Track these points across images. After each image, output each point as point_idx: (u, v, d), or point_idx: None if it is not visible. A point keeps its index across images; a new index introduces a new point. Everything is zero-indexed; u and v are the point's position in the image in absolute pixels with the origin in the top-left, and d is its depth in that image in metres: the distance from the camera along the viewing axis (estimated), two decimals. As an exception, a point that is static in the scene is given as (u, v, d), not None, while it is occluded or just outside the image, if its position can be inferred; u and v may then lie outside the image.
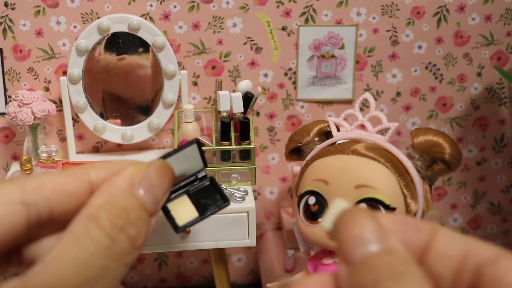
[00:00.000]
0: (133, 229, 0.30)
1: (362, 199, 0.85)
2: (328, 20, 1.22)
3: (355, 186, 0.85)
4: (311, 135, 0.96)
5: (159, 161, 0.33)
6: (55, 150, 1.12)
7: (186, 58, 1.23)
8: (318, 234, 0.88)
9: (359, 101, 0.95)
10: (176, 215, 0.34)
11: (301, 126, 1.00)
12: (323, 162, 0.89)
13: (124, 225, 0.30)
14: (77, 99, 1.19)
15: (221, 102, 1.11)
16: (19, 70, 1.21)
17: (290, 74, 1.26)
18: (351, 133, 0.92)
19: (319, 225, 0.88)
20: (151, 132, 1.24)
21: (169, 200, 0.35)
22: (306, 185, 0.90)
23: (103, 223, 0.29)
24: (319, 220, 0.88)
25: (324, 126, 0.96)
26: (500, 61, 1.29)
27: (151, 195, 0.31)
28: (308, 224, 0.89)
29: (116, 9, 1.18)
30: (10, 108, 1.16)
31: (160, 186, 0.32)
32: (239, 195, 1.09)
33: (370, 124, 0.93)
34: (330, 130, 0.96)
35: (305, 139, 0.96)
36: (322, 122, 0.97)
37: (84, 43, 1.16)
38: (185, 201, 0.35)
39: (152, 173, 0.32)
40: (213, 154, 1.13)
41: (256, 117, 1.29)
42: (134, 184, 0.31)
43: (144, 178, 0.32)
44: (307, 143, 0.96)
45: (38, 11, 1.17)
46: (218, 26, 1.21)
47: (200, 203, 0.35)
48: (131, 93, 1.22)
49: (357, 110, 0.95)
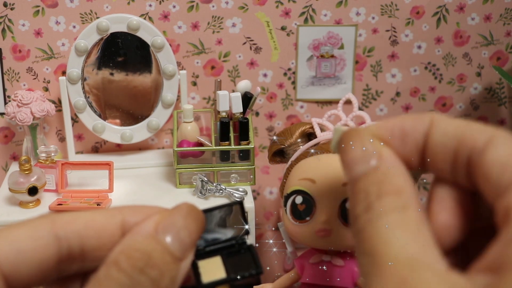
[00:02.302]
0: (155, 272, 0.30)
1: None
2: (328, 20, 1.22)
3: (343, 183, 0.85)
4: (294, 137, 0.96)
5: (185, 204, 0.33)
6: (54, 150, 1.12)
7: (186, 58, 1.23)
8: (307, 233, 0.88)
9: (342, 102, 0.96)
10: (203, 272, 0.34)
11: (284, 129, 1.00)
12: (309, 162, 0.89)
13: (144, 267, 0.29)
14: (76, 99, 1.19)
15: (220, 102, 1.11)
16: (18, 70, 1.21)
17: (290, 74, 1.26)
18: None
19: (307, 224, 0.88)
20: (150, 132, 1.23)
21: (201, 258, 0.34)
22: (292, 185, 0.90)
23: (123, 265, 0.29)
24: (307, 219, 0.88)
25: (307, 128, 0.96)
26: (500, 61, 1.29)
27: (176, 239, 0.31)
28: (296, 223, 0.89)
29: (115, 9, 1.18)
30: (9, 108, 1.16)
31: (186, 229, 0.31)
32: (238, 195, 1.09)
33: (354, 124, 0.93)
34: (312, 132, 0.96)
35: (288, 141, 0.96)
36: (304, 124, 0.98)
37: (83, 43, 1.16)
38: (216, 262, 0.35)
39: (177, 217, 0.32)
40: (212, 154, 1.13)
41: (255, 117, 1.29)
42: (158, 229, 0.31)
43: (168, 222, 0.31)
44: (290, 145, 0.96)
45: (37, 11, 1.17)
46: (218, 26, 1.21)
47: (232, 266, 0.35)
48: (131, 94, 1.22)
49: (340, 110, 0.95)
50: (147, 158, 1.25)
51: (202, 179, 1.09)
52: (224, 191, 1.09)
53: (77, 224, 0.31)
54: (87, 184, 1.14)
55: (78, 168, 1.12)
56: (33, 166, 1.09)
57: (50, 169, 1.11)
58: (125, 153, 1.28)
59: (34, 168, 1.08)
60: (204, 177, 1.10)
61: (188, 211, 0.32)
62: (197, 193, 1.10)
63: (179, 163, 1.13)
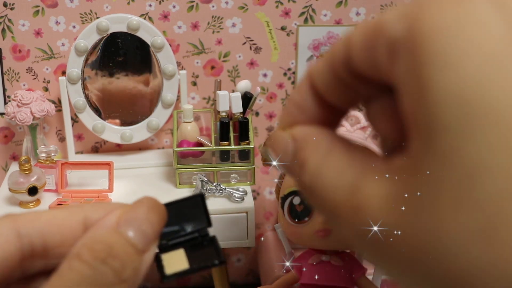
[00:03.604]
0: (117, 262, 0.30)
1: None
2: (328, 20, 1.22)
3: None
4: None
5: (146, 198, 0.33)
6: (54, 150, 1.12)
7: (185, 58, 1.23)
8: (306, 233, 0.88)
9: None
10: (167, 264, 0.35)
11: None
12: None
13: (106, 258, 0.30)
14: (76, 99, 1.19)
15: (220, 102, 1.11)
16: (18, 70, 1.21)
17: (290, 74, 1.26)
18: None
19: (305, 225, 0.88)
20: (150, 132, 1.23)
21: (165, 251, 0.35)
22: (289, 186, 0.90)
23: (85, 257, 0.30)
24: (306, 220, 0.88)
25: None
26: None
27: (138, 231, 0.32)
28: (295, 224, 0.89)
29: (115, 9, 1.18)
30: (9, 108, 1.16)
31: (148, 221, 0.32)
32: (238, 195, 1.09)
33: (348, 124, 0.93)
34: None
35: None
36: None
37: (83, 43, 1.16)
38: (180, 254, 0.35)
39: (139, 210, 0.32)
40: (212, 154, 1.13)
41: (255, 117, 1.29)
42: (120, 223, 0.32)
43: (130, 215, 0.32)
44: None
45: (37, 11, 1.17)
46: (217, 26, 1.21)
47: (195, 258, 0.35)
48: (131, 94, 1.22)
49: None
50: (147, 158, 1.25)
51: (202, 179, 1.09)
52: (224, 191, 1.09)
53: (39, 222, 0.32)
54: (87, 184, 1.14)
55: (78, 168, 1.12)
56: (33, 166, 1.09)
57: (50, 169, 1.11)
58: (125, 153, 1.28)
59: (34, 168, 1.08)
60: (204, 177, 1.10)
61: (150, 205, 0.32)
62: (197, 193, 1.10)
63: (179, 163, 1.13)
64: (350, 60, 0.29)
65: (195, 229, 0.36)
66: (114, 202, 0.34)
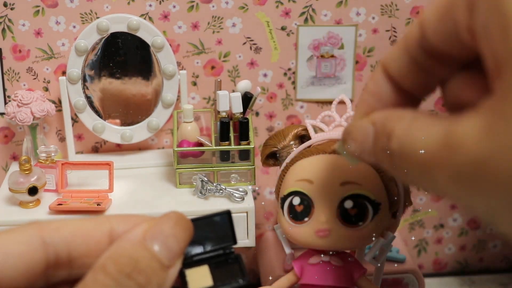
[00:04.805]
0: (142, 277, 0.30)
1: (348, 196, 0.85)
2: (328, 20, 1.22)
3: (340, 183, 0.85)
4: (287, 139, 0.96)
5: (173, 213, 0.33)
6: (54, 150, 1.12)
7: (186, 58, 1.23)
8: (306, 234, 0.88)
9: (335, 103, 0.96)
10: (190, 280, 0.34)
11: (276, 131, 1.00)
12: (305, 163, 0.89)
13: (131, 273, 0.30)
14: (76, 99, 1.19)
15: (220, 102, 1.11)
16: (18, 70, 1.21)
17: (290, 74, 1.26)
18: (330, 133, 0.93)
19: (305, 225, 0.88)
20: (150, 132, 1.24)
21: (189, 266, 0.35)
22: (289, 186, 0.90)
23: (110, 270, 0.29)
24: (305, 220, 0.88)
25: (299, 130, 0.96)
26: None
27: (164, 246, 0.31)
28: (294, 224, 0.89)
29: (115, 9, 1.18)
30: (9, 108, 1.16)
31: (174, 237, 0.32)
32: (238, 195, 1.09)
33: None
34: (305, 134, 0.96)
35: (281, 143, 0.96)
36: (297, 126, 0.98)
37: (83, 43, 1.16)
38: (204, 271, 0.35)
39: (165, 225, 0.32)
40: (212, 154, 1.13)
41: (255, 117, 1.29)
42: (146, 237, 0.31)
43: (156, 229, 0.32)
44: (284, 147, 0.96)
45: (37, 11, 1.17)
46: (218, 26, 1.21)
47: (219, 275, 0.35)
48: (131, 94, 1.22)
49: (334, 111, 0.95)
50: (147, 158, 1.25)
51: (202, 179, 1.09)
52: (224, 191, 1.09)
53: (64, 231, 0.31)
54: (87, 184, 1.14)
55: (78, 168, 1.12)
56: (33, 166, 1.09)
57: (50, 169, 1.11)
58: (125, 153, 1.28)
59: (34, 168, 1.08)
60: (204, 177, 1.10)
61: (177, 220, 0.32)
62: (197, 193, 1.10)
63: (179, 163, 1.13)
64: (425, 39, 0.31)
65: (220, 246, 0.36)
66: (140, 214, 0.34)
